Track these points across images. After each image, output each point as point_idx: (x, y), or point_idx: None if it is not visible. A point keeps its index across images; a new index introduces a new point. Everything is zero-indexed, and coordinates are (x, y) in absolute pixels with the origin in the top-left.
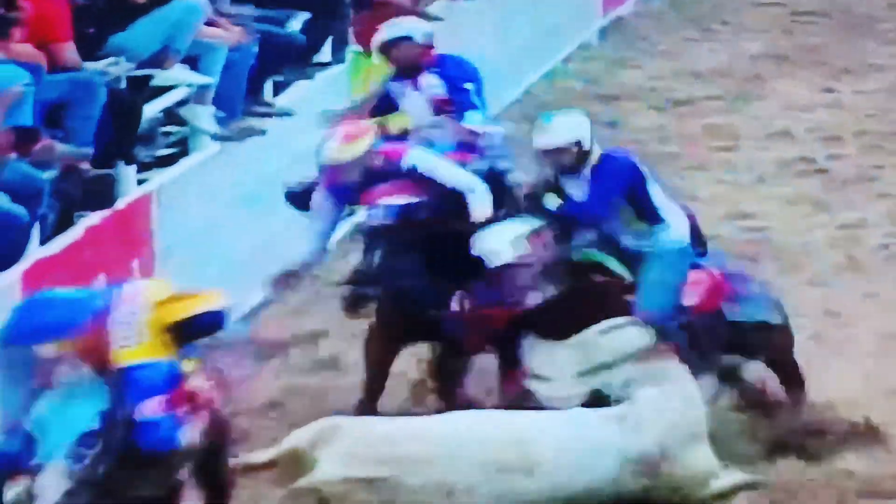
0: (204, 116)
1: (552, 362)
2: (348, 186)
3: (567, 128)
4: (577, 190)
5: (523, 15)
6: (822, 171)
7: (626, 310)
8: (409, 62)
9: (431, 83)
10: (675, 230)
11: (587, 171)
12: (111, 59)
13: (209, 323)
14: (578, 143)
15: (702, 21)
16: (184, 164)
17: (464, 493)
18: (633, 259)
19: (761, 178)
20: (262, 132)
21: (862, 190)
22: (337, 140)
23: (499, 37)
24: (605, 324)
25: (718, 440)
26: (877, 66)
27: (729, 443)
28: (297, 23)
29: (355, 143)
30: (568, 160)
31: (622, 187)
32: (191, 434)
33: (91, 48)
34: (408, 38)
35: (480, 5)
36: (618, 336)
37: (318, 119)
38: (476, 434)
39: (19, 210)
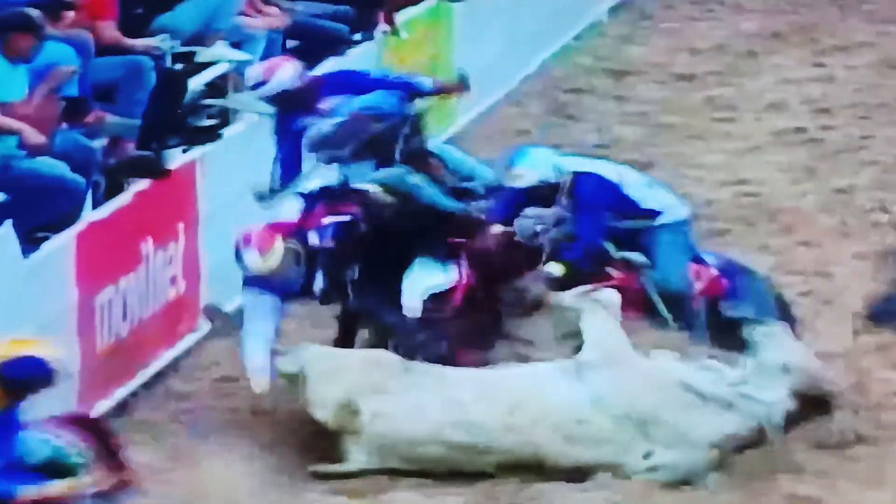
0: (251, 102)
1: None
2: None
3: (531, 168)
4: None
5: None
6: (815, 140)
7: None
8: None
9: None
10: (672, 211)
11: (563, 196)
12: (162, 35)
13: (32, 369)
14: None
15: (702, 2)
16: (227, 134)
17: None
18: (631, 239)
19: (757, 147)
20: None
21: (851, 158)
22: (255, 251)
23: (514, 15)
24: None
25: None
26: (865, 42)
27: None
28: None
29: (271, 251)
30: (541, 195)
31: (607, 210)
32: None
33: (138, 28)
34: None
35: None
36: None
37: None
38: (492, 444)
39: (77, 178)
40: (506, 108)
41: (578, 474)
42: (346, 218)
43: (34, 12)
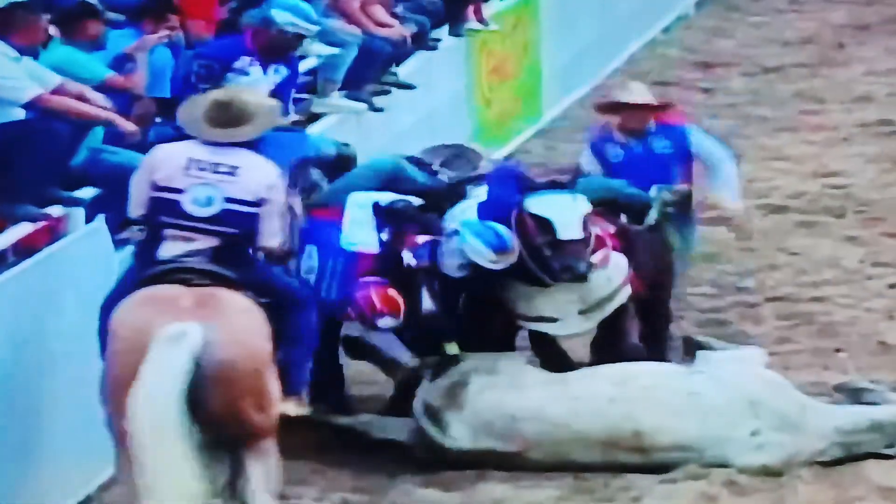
0: (343, 104)
1: (555, 304)
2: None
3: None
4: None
5: None
6: None
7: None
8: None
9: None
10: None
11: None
12: None
13: None
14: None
15: None
16: (316, 128)
17: (580, 464)
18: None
19: (845, 139)
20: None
21: None
22: (388, 317)
23: (604, 9)
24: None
25: None
26: None
27: None
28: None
29: (398, 306)
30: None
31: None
32: None
33: (230, 24)
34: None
35: None
36: (605, 270)
37: None
38: (594, 417)
39: None
40: (593, 101)
41: (667, 467)
42: (434, 237)
43: (96, 2)
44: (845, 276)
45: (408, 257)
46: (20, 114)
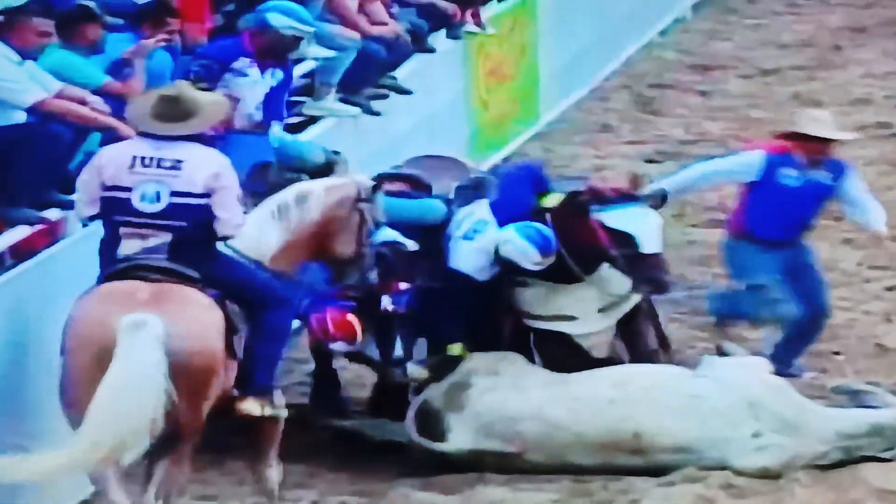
0: (338, 107)
1: (575, 302)
2: None
3: None
4: None
5: None
6: None
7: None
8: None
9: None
10: None
11: None
12: None
13: None
14: None
15: None
16: (314, 131)
17: (579, 466)
18: None
19: (842, 141)
20: (386, 96)
21: None
22: (341, 343)
23: (601, 11)
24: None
25: None
26: None
27: None
28: None
29: (355, 334)
30: None
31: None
32: None
33: (227, 27)
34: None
35: None
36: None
37: None
38: (594, 418)
39: None
40: (591, 103)
41: (665, 470)
42: (419, 284)
43: (92, 4)
44: (843, 279)
45: (386, 302)
46: (21, 116)
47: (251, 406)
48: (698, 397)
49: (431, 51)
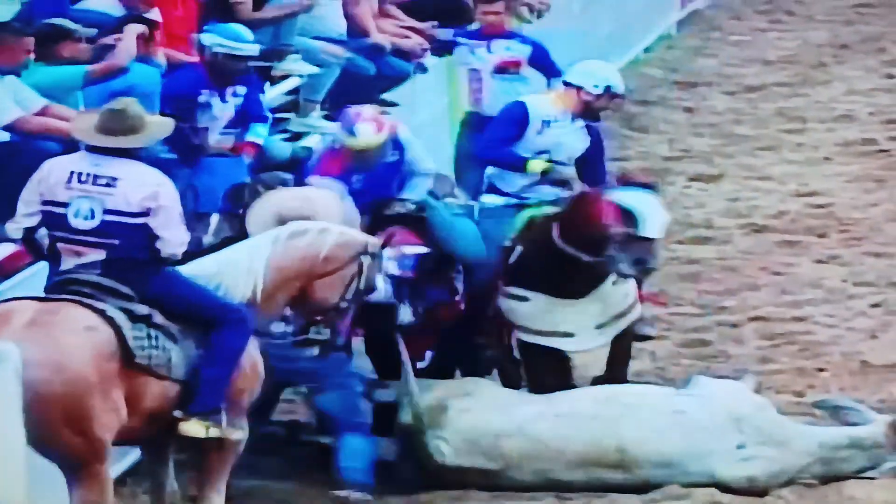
0: (322, 124)
1: (574, 318)
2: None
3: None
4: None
5: (607, 10)
6: (884, 151)
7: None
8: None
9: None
10: None
11: None
12: None
13: None
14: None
15: (770, 13)
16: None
17: (562, 483)
18: None
19: (827, 158)
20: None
21: None
22: (372, 124)
23: (585, 29)
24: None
25: None
26: None
27: None
28: None
29: (384, 130)
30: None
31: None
32: None
33: None
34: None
35: (565, 0)
36: (625, 284)
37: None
38: (577, 433)
39: None
40: None
41: (649, 487)
42: (425, 249)
43: (65, 21)
44: (827, 296)
45: (391, 266)
46: (4, 135)
47: (193, 427)
48: (682, 413)
49: (424, 70)
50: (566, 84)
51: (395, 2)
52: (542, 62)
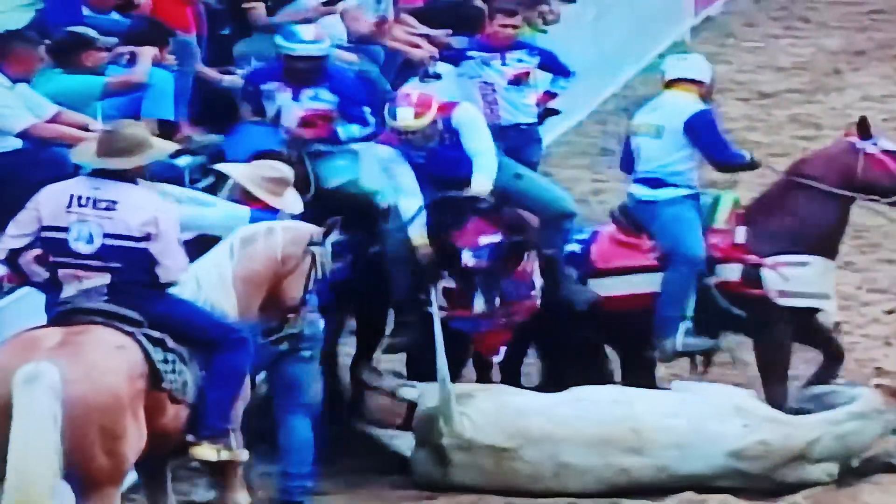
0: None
1: (830, 281)
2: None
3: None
4: None
5: (621, 17)
6: None
7: None
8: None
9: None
10: None
11: None
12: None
13: None
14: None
15: (784, 19)
16: None
17: (574, 468)
18: None
19: None
20: None
21: None
22: (411, 107)
23: (599, 35)
24: None
25: None
26: None
27: None
28: None
29: (426, 114)
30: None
31: None
32: None
33: (223, 50)
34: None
35: (579, 7)
36: None
37: None
38: (595, 416)
39: None
40: (589, 127)
41: (663, 490)
42: (499, 238)
43: (88, 30)
44: (842, 303)
45: (466, 257)
46: (15, 142)
47: (205, 451)
48: (688, 401)
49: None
50: (689, 80)
51: (408, 9)
52: (552, 65)
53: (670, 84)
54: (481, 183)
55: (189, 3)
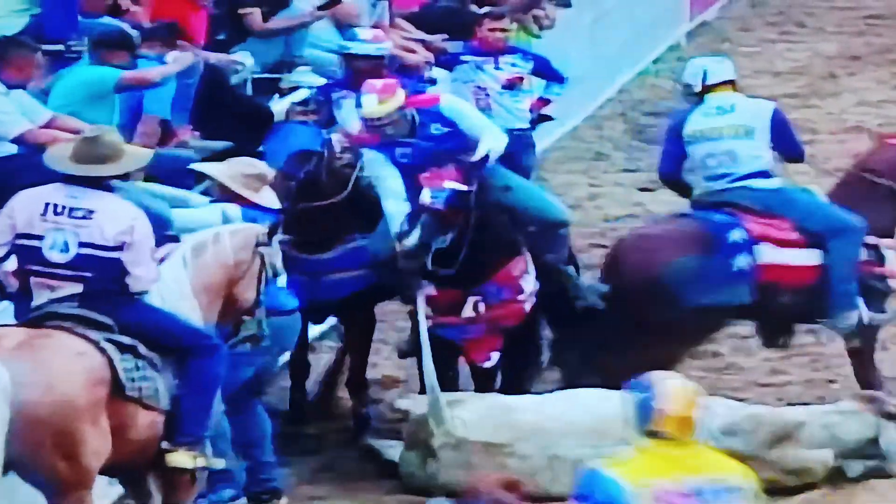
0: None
1: None
2: (395, 153)
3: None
4: None
5: (617, 21)
6: None
7: None
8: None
9: None
10: None
11: None
12: (244, 53)
13: None
14: None
15: (780, 24)
16: None
17: (567, 461)
18: None
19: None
20: None
21: None
22: (375, 94)
23: (594, 40)
24: None
25: None
26: None
27: None
28: None
29: (391, 98)
30: None
31: None
32: None
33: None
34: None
35: (575, 12)
36: None
37: None
38: (588, 410)
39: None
40: (585, 131)
41: None
42: (465, 188)
43: (129, 30)
44: None
45: (425, 195)
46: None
47: (182, 458)
48: None
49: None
50: (726, 82)
51: (403, 14)
52: (545, 71)
53: (711, 88)
54: (489, 144)
55: (195, 10)
